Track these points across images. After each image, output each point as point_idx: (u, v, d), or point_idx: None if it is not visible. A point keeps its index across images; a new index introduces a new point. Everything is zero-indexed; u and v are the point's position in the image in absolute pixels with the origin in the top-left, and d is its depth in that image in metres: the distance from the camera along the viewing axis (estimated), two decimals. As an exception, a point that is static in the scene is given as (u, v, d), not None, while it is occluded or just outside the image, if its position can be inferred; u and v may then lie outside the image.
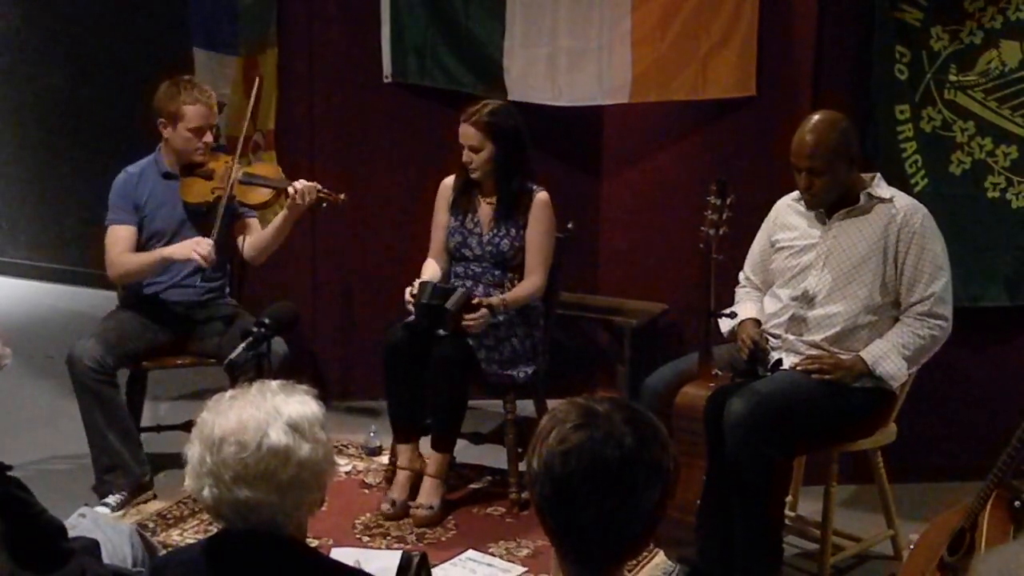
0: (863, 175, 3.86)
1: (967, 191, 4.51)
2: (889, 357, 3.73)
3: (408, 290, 4.32)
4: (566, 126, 5.32)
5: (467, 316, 4.22)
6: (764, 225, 4.08)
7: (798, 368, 3.77)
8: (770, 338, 3.93)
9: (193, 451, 2.25)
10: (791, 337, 3.87)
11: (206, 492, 2.22)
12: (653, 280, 5.38)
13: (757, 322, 3.96)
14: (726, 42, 4.91)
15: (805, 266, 3.89)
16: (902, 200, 3.83)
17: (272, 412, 2.24)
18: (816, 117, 3.79)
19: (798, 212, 3.96)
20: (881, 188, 3.84)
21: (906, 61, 4.45)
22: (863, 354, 3.75)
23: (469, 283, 4.46)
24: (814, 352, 3.81)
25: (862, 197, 3.81)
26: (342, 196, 4.49)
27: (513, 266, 4.49)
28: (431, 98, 5.33)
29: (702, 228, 3.78)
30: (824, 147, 3.72)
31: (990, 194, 4.51)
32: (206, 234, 4.47)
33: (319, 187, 4.47)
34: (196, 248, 4.38)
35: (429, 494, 4.34)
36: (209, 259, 4.38)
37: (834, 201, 3.84)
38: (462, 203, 4.53)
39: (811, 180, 3.76)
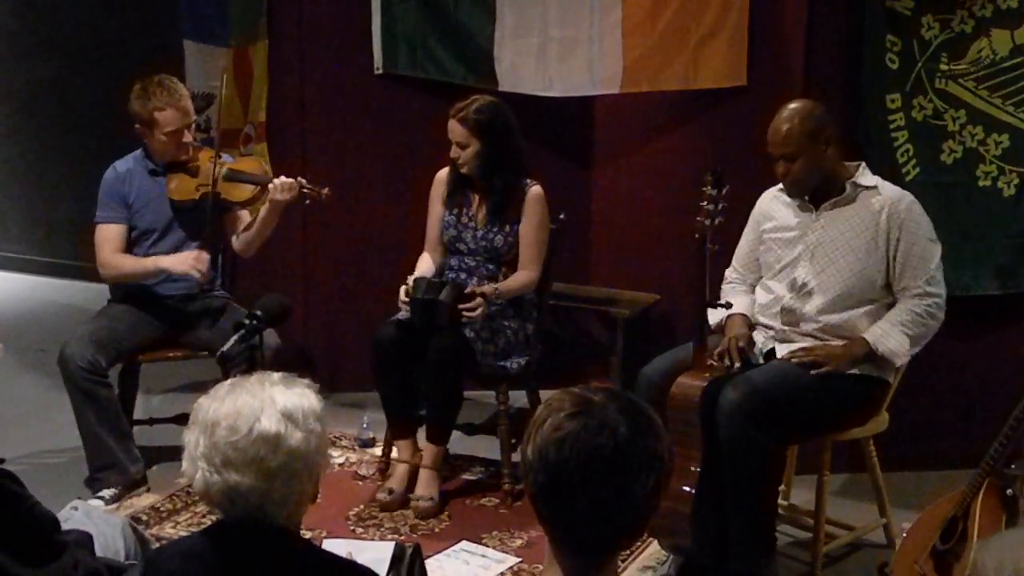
0: (847, 164, 3.86)
1: (959, 180, 4.51)
2: (891, 335, 3.72)
3: (403, 288, 4.32)
4: (557, 116, 5.31)
5: (464, 307, 4.22)
6: (751, 219, 4.08)
7: (792, 361, 3.77)
8: (763, 328, 3.93)
9: (190, 435, 2.27)
10: (785, 328, 3.87)
11: (199, 476, 2.24)
12: (645, 270, 5.38)
13: (745, 318, 3.95)
14: (717, 32, 4.91)
15: (794, 257, 3.89)
16: (887, 188, 3.83)
17: (267, 400, 2.26)
18: (787, 105, 3.81)
19: (784, 203, 3.97)
20: (866, 177, 3.84)
21: (897, 50, 4.45)
22: (866, 335, 3.75)
23: (463, 276, 4.45)
24: (807, 343, 3.81)
25: (848, 187, 3.82)
26: (325, 191, 4.45)
27: (506, 261, 4.48)
28: (422, 89, 5.32)
29: (698, 219, 3.78)
30: (795, 132, 3.73)
31: (982, 183, 4.51)
32: (193, 231, 4.47)
33: (302, 182, 4.45)
34: (196, 265, 4.39)
35: (427, 485, 4.34)
36: (207, 275, 4.41)
37: (818, 190, 3.84)
38: (457, 197, 4.51)
39: (787, 167, 3.78)
